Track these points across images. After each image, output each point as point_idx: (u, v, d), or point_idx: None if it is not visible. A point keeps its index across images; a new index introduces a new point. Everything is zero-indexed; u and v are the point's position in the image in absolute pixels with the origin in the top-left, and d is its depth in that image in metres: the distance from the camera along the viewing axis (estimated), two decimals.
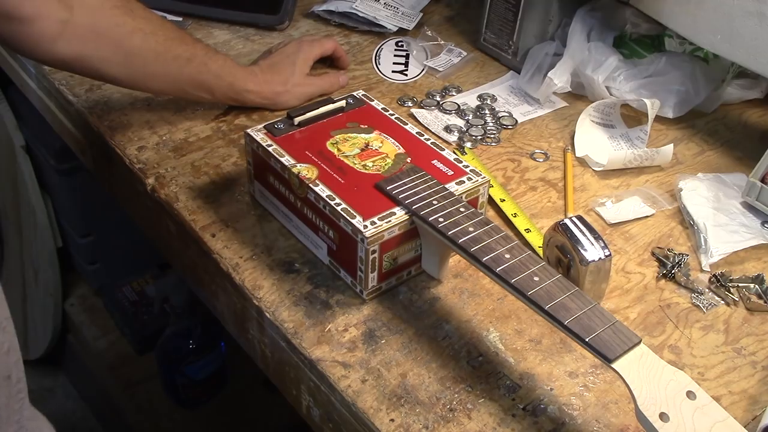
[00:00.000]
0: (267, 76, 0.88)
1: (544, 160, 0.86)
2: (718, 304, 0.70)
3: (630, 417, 0.59)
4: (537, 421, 0.58)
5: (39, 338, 1.55)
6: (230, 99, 0.86)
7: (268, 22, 1.06)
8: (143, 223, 0.86)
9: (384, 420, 0.58)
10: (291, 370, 0.65)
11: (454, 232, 0.61)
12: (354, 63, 1.01)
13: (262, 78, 0.87)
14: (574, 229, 0.62)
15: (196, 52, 0.81)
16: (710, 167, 0.87)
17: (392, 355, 0.62)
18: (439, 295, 0.68)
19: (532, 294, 0.55)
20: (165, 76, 0.80)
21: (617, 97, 0.94)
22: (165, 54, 0.78)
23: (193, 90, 0.83)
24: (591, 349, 0.52)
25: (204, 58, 0.82)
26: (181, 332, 1.36)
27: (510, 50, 1.01)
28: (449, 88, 0.97)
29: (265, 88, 0.87)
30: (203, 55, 0.82)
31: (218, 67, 0.83)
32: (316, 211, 0.67)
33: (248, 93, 0.86)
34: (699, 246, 0.75)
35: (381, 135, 0.73)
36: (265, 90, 0.87)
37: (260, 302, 0.66)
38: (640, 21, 0.99)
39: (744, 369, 0.64)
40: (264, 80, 0.87)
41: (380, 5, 1.08)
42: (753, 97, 0.98)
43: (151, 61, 0.78)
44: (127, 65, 0.77)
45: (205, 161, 0.81)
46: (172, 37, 0.79)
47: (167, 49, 0.79)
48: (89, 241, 1.44)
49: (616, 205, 0.80)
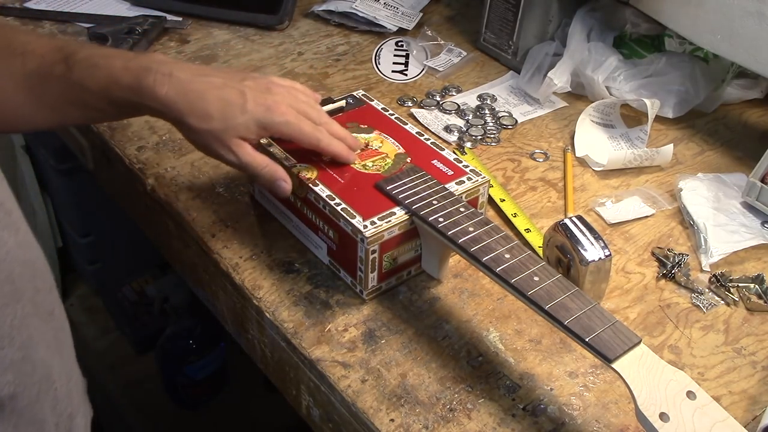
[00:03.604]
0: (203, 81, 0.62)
1: (544, 160, 0.86)
2: (718, 304, 0.70)
3: (630, 417, 0.59)
4: (537, 421, 0.58)
5: None
6: (125, 104, 0.62)
7: (267, 22, 1.06)
8: (143, 223, 0.86)
9: (384, 420, 0.58)
10: (291, 370, 0.65)
11: (454, 232, 0.61)
12: (354, 63, 1.01)
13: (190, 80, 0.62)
14: (574, 229, 0.62)
15: (40, 44, 0.62)
16: (710, 167, 0.87)
17: (392, 355, 0.62)
18: (439, 295, 0.68)
19: (532, 294, 0.55)
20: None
21: (617, 97, 0.94)
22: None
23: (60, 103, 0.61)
24: (591, 349, 0.52)
25: (61, 45, 0.62)
26: (181, 332, 1.36)
27: (510, 50, 1.01)
28: (449, 88, 0.97)
29: (190, 100, 0.61)
30: (59, 45, 0.62)
31: (91, 53, 0.61)
32: (315, 211, 0.67)
33: (157, 95, 0.61)
34: (699, 246, 0.75)
35: (381, 135, 0.73)
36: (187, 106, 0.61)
37: (260, 302, 0.66)
38: (640, 21, 0.99)
39: (744, 369, 0.64)
40: (193, 88, 0.62)
41: (380, 5, 1.08)
42: (753, 97, 0.98)
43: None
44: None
45: (205, 161, 0.81)
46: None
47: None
48: (89, 241, 1.44)
49: (616, 205, 0.80)
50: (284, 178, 0.65)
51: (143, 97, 0.61)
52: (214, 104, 0.62)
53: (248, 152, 0.64)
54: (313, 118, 0.66)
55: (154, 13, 1.05)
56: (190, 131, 0.63)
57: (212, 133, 0.62)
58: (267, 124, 0.63)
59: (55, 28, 1.03)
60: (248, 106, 0.62)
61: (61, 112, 0.64)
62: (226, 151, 0.63)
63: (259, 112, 0.63)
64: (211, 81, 0.62)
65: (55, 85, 0.61)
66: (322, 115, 0.68)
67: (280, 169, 0.65)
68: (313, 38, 1.06)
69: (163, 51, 1.00)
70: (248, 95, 0.63)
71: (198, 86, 0.62)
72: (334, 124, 0.69)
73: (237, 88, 0.63)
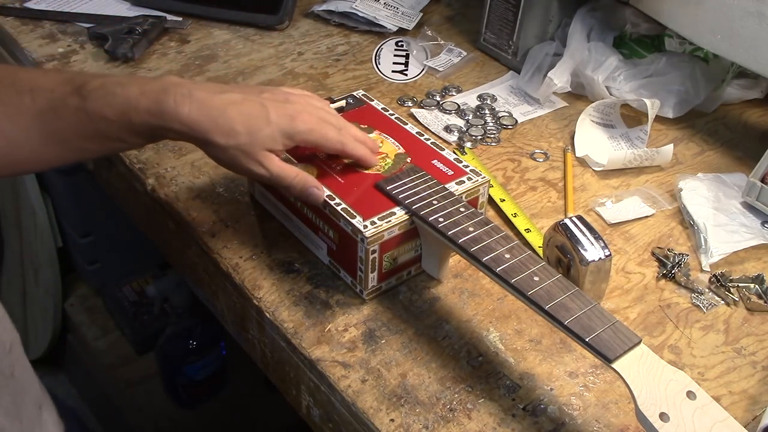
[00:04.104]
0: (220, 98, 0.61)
1: (544, 160, 0.86)
2: (718, 304, 0.70)
3: (630, 417, 0.59)
4: (537, 421, 0.58)
5: (39, 338, 1.55)
6: (146, 130, 0.61)
7: (267, 21, 1.06)
8: (143, 223, 0.86)
9: (384, 420, 0.58)
10: (291, 370, 0.65)
11: (454, 232, 0.61)
12: (354, 63, 1.01)
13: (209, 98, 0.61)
14: (574, 229, 0.62)
15: (48, 78, 0.60)
16: (710, 167, 0.87)
17: (392, 355, 0.62)
18: (439, 295, 0.68)
19: (532, 294, 0.55)
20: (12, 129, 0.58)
21: (617, 97, 0.94)
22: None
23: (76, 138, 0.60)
24: (591, 349, 0.52)
25: (69, 77, 0.60)
26: (181, 332, 1.36)
27: (510, 50, 1.01)
28: (449, 88, 0.97)
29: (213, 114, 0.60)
30: (67, 77, 0.60)
31: (103, 82, 0.60)
32: (316, 211, 0.67)
33: (179, 117, 0.60)
34: (699, 246, 0.75)
35: (381, 135, 0.73)
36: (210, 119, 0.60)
37: (260, 302, 0.66)
38: (640, 21, 0.99)
39: (744, 369, 0.64)
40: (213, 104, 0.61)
41: (380, 5, 1.08)
42: (753, 97, 0.98)
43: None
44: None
45: (205, 161, 0.81)
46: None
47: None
48: (89, 241, 1.44)
49: (616, 205, 0.80)
50: (316, 185, 0.65)
51: (165, 119, 0.59)
52: (237, 119, 0.61)
53: (277, 164, 0.63)
54: (333, 123, 0.66)
55: (154, 13, 1.05)
56: (217, 149, 0.62)
57: (240, 148, 0.61)
58: (292, 134, 0.63)
59: (55, 28, 1.03)
60: (271, 117, 0.62)
61: (78, 148, 0.61)
62: (255, 165, 0.62)
63: (284, 122, 0.62)
64: (231, 97, 0.62)
65: (70, 118, 0.59)
66: (340, 120, 0.68)
67: (310, 176, 0.65)
68: (313, 38, 1.06)
69: (163, 51, 1.00)
70: (269, 107, 0.62)
71: (218, 103, 0.61)
72: (353, 127, 0.69)
73: (257, 102, 0.62)
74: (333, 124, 0.66)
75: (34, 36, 1.01)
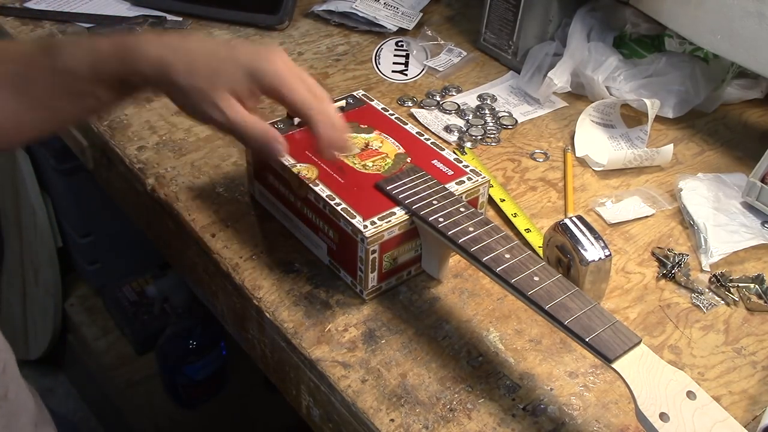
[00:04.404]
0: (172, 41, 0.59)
1: (544, 160, 0.86)
2: (718, 304, 0.70)
3: (630, 417, 0.59)
4: (537, 421, 0.58)
5: (39, 338, 1.55)
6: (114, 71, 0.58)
7: (267, 22, 1.06)
8: (143, 223, 0.86)
9: (384, 420, 0.58)
10: (291, 370, 0.65)
11: (454, 232, 0.61)
12: (354, 63, 1.01)
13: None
14: (574, 229, 0.62)
15: (17, 46, 0.60)
16: (710, 167, 0.87)
17: (392, 355, 0.62)
18: (439, 295, 0.68)
19: (532, 294, 0.55)
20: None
21: (617, 97, 0.94)
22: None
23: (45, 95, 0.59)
24: (591, 349, 0.52)
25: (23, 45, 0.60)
26: (181, 332, 1.36)
27: (510, 50, 1.01)
28: (449, 88, 0.97)
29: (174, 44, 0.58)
30: (38, 43, 0.59)
31: (72, 39, 0.60)
32: (316, 211, 0.67)
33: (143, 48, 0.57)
34: (699, 246, 0.75)
35: (381, 135, 0.73)
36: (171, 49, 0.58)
37: (260, 302, 0.66)
38: (640, 21, 0.99)
39: (744, 369, 0.64)
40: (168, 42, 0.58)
41: (380, 5, 1.08)
42: (753, 97, 0.98)
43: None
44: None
45: (205, 161, 0.81)
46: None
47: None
48: (89, 241, 1.44)
49: (616, 205, 0.80)
50: (278, 139, 0.59)
51: (131, 61, 0.56)
52: (200, 55, 0.57)
53: (237, 110, 0.58)
54: (309, 83, 0.61)
55: (154, 13, 1.05)
56: (178, 91, 0.58)
57: (198, 87, 0.57)
58: (258, 75, 0.58)
59: (55, 28, 1.03)
60: (237, 55, 0.58)
61: (55, 109, 0.60)
62: (212, 108, 0.57)
63: (249, 60, 0.58)
64: (202, 40, 0.59)
65: (41, 78, 0.58)
66: (322, 91, 0.62)
67: (272, 129, 0.60)
68: (313, 38, 1.06)
69: None
70: (237, 46, 0.59)
71: (186, 45, 0.58)
72: (332, 105, 0.62)
73: (227, 44, 0.59)
74: (308, 84, 0.60)
75: (34, 36, 1.01)
